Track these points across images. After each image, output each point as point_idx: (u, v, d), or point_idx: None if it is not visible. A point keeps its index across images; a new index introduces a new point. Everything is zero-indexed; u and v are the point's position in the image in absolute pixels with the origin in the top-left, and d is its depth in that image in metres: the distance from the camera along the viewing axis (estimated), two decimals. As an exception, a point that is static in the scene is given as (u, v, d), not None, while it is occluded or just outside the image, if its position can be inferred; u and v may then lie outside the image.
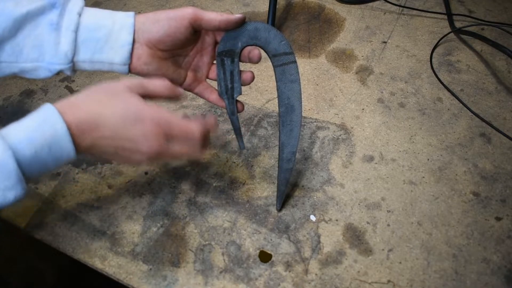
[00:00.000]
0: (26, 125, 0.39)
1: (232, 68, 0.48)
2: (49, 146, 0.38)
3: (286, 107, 0.49)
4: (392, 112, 0.68)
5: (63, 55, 0.44)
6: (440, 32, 0.80)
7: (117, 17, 0.46)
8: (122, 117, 0.41)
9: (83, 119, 0.40)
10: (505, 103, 0.68)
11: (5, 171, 0.36)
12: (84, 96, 0.42)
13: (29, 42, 0.43)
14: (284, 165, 0.52)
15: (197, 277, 0.50)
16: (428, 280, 0.49)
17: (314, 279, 0.49)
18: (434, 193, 0.57)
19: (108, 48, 0.45)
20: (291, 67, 0.48)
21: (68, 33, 0.44)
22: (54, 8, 0.44)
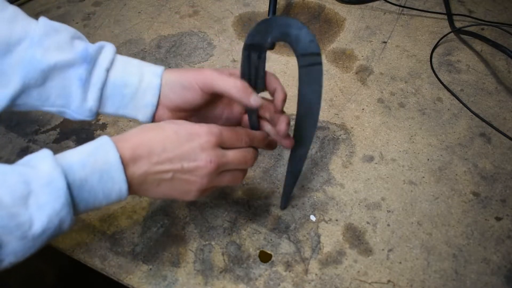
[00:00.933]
0: (80, 150, 0.39)
1: (257, 64, 0.46)
2: (100, 173, 0.37)
3: (306, 109, 0.48)
4: (392, 112, 0.68)
5: (87, 110, 0.45)
6: (440, 32, 0.80)
7: (145, 74, 0.46)
8: (176, 135, 0.41)
9: (136, 147, 0.40)
10: (505, 103, 0.68)
11: (55, 189, 0.35)
12: (135, 130, 0.42)
13: (56, 92, 0.44)
14: (292, 168, 0.52)
15: (197, 277, 0.50)
16: (428, 280, 0.49)
17: (314, 279, 0.49)
18: (434, 193, 0.57)
19: (132, 105, 0.46)
20: (317, 69, 0.46)
21: (95, 90, 0.44)
22: (84, 62, 0.43)
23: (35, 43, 0.42)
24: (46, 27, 0.43)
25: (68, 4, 0.88)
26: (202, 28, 0.83)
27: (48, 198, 0.34)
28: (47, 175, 0.35)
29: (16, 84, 0.42)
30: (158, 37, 0.81)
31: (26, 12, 0.46)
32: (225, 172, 0.44)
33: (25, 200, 0.34)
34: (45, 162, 0.36)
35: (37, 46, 0.42)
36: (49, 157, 0.36)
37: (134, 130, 0.42)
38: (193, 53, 0.77)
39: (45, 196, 0.34)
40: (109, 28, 0.83)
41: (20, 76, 0.42)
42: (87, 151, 0.38)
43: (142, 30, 0.82)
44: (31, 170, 0.35)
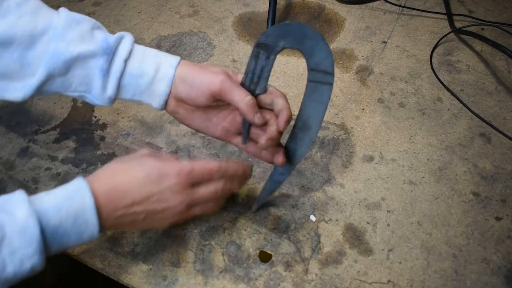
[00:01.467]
0: (56, 194, 0.39)
1: (264, 64, 0.45)
2: (75, 218, 0.39)
3: (303, 124, 0.46)
4: (392, 112, 0.68)
5: (107, 98, 0.47)
6: (440, 32, 0.80)
7: (161, 65, 0.47)
8: (146, 177, 0.42)
9: (110, 189, 0.41)
10: (505, 103, 0.68)
11: (28, 236, 0.36)
12: (108, 170, 0.43)
13: (78, 80, 0.46)
14: (276, 176, 0.51)
15: (197, 277, 0.50)
16: (428, 280, 0.49)
17: (314, 279, 0.49)
18: (434, 193, 0.57)
19: (147, 94, 0.48)
20: (325, 89, 0.44)
21: (114, 79, 0.46)
22: (105, 54, 0.45)
23: (58, 35, 0.44)
24: (67, 19, 0.45)
25: (68, 4, 0.88)
26: (202, 28, 0.83)
27: (21, 243, 0.36)
28: (22, 222, 0.36)
29: (41, 74, 0.44)
30: (158, 37, 0.81)
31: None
32: (196, 205, 0.46)
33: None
34: (21, 208, 0.36)
35: (60, 38, 0.44)
36: (25, 202, 0.37)
37: (107, 170, 0.43)
38: (193, 53, 0.77)
39: (18, 242, 0.35)
40: (109, 28, 0.82)
41: (45, 67, 0.44)
42: (62, 196, 0.39)
43: (142, 30, 0.82)
44: (6, 216, 0.36)
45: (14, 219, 0.36)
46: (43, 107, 0.69)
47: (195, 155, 0.62)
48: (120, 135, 0.65)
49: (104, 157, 0.62)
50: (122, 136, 0.65)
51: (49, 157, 0.62)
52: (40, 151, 0.63)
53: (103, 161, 0.61)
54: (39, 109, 0.68)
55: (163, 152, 0.62)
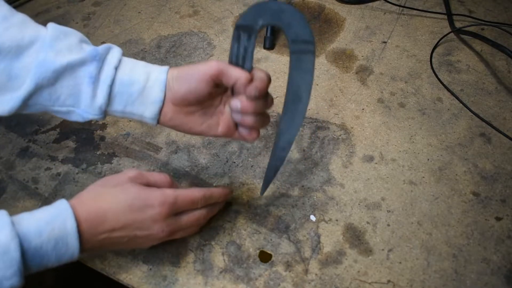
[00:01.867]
0: (38, 217, 0.40)
1: (247, 45, 0.46)
2: (56, 241, 0.39)
3: (294, 96, 0.47)
4: (392, 112, 0.68)
5: (97, 108, 0.45)
6: (440, 32, 0.80)
7: (151, 72, 0.47)
8: (129, 206, 0.43)
9: (92, 214, 0.42)
10: (505, 103, 0.68)
11: (8, 259, 0.37)
12: (91, 193, 0.44)
13: (67, 91, 0.45)
14: (278, 153, 0.50)
15: (197, 277, 0.50)
16: (428, 280, 0.49)
17: (314, 279, 0.49)
18: (434, 193, 0.57)
19: (139, 102, 0.46)
20: (308, 57, 0.46)
21: (104, 87, 0.45)
22: (94, 60, 0.45)
23: (47, 46, 0.43)
24: (55, 31, 0.44)
25: (68, 4, 0.88)
26: (202, 28, 0.83)
27: (1, 265, 0.36)
28: (3, 245, 0.36)
29: (30, 84, 0.43)
30: (158, 37, 0.81)
31: (26, 12, 0.46)
32: (178, 231, 0.47)
33: None
34: (3, 231, 0.37)
35: (49, 48, 0.43)
36: (7, 226, 0.37)
37: (92, 193, 0.44)
38: (193, 53, 0.77)
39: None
40: (109, 28, 0.83)
41: (33, 77, 0.43)
42: (45, 219, 0.39)
43: (142, 30, 0.82)
44: None
45: None
46: (43, 107, 0.69)
47: (195, 155, 0.62)
48: (120, 135, 0.65)
49: (104, 157, 0.62)
50: (122, 136, 0.65)
51: (49, 157, 0.62)
52: (40, 151, 0.63)
53: (103, 161, 0.61)
54: (39, 109, 0.68)
55: (163, 152, 0.62)
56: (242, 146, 0.63)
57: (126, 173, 0.46)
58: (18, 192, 0.58)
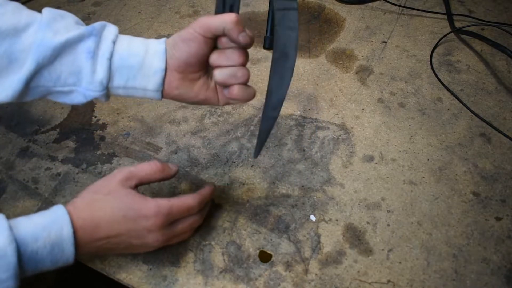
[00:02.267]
0: (36, 222, 0.40)
1: (232, 2, 0.47)
2: (52, 246, 0.40)
3: (281, 54, 0.46)
4: (392, 112, 0.68)
5: (98, 83, 0.45)
6: (440, 32, 0.80)
7: (149, 44, 0.46)
8: (123, 216, 0.43)
9: (88, 223, 0.42)
10: (505, 103, 0.68)
11: (5, 263, 0.37)
12: (85, 199, 0.44)
13: (67, 69, 0.44)
14: (269, 113, 0.48)
15: (197, 277, 0.50)
16: (428, 280, 0.49)
17: (314, 279, 0.49)
18: (434, 193, 0.57)
19: (141, 75, 0.46)
20: (292, 14, 0.46)
21: (104, 61, 0.44)
22: (92, 35, 0.44)
23: (44, 26, 0.43)
24: (52, 13, 0.45)
25: (68, 4, 0.88)
26: (202, 28, 0.83)
27: None
28: (0, 249, 0.37)
29: (31, 64, 0.43)
30: (158, 37, 0.81)
31: (26, 12, 0.46)
32: (173, 238, 0.48)
33: None
34: (1, 235, 0.37)
35: (47, 28, 0.43)
36: (5, 230, 0.38)
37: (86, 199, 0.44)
38: (193, 53, 0.77)
39: None
40: (109, 28, 0.83)
41: (33, 57, 0.42)
42: (42, 224, 0.40)
43: (142, 30, 0.82)
44: None
45: None
46: (43, 107, 0.69)
47: (195, 155, 0.62)
48: (120, 135, 0.65)
49: (104, 157, 0.62)
50: (122, 136, 0.65)
51: (49, 157, 0.62)
52: (40, 151, 0.63)
53: (103, 161, 0.61)
54: (39, 109, 0.68)
55: (163, 152, 0.62)
56: (242, 146, 0.63)
57: (116, 175, 0.46)
58: (18, 192, 0.58)
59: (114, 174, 0.46)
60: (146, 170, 0.47)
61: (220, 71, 0.46)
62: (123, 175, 0.46)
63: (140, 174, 0.47)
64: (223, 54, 0.45)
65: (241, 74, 0.46)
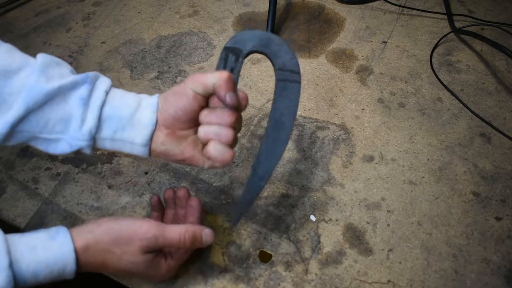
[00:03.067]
0: (39, 258, 0.39)
1: (233, 66, 0.46)
2: (52, 279, 0.40)
3: (276, 122, 0.46)
4: (392, 112, 0.68)
5: (87, 132, 0.43)
6: (440, 32, 0.80)
7: (142, 98, 0.46)
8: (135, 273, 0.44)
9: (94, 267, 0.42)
10: (505, 103, 0.68)
11: None
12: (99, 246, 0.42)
13: (56, 116, 0.43)
14: (255, 183, 0.46)
15: (197, 277, 0.50)
16: (428, 280, 0.49)
17: (314, 279, 0.49)
18: (434, 193, 0.57)
19: (131, 126, 0.44)
20: (294, 87, 0.46)
21: (95, 109, 0.43)
22: (86, 83, 0.43)
23: (38, 71, 0.42)
24: (46, 59, 0.43)
25: (68, 4, 0.88)
26: (202, 28, 0.83)
27: None
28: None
29: (19, 109, 0.41)
30: (158, 37, 0.81)
31: (26, 12, 0.46)
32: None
33: None
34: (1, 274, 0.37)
35: (40, 73, 0.42)
36: (5, 270, 0.37)
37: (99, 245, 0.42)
38: (193, 53, 0.77)
39: None
40: (109, 28, 0.83)
41: (24, 101, 0.41)
42: (45, 262, 0.39)
43: (142, 30, 0.82)
44: None
45: None
46: (43, 107, 0.69)
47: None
48: (120, 135, 0.65)
49: (104, 157, 0.62)
50: (122, 136, 0.65)
51: (49, 157, 0.62)
52: (40, 151, 0.62)
53: (103, 161, 0.61)
54: (39, 109, 0.68)
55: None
56: (242, 146, 0.63)
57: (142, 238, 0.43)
58: (18, 192, 0.58)
59: (140, 234, 0.43)
60: (174, 245, 0.44)
61: (204, 127, 0.44)
62: (148, 241, 0.43)
63: (165, 246, 0.45)
64: (213, 112, 0.44)
65: (225, 134, 0.43)
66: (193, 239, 0.44)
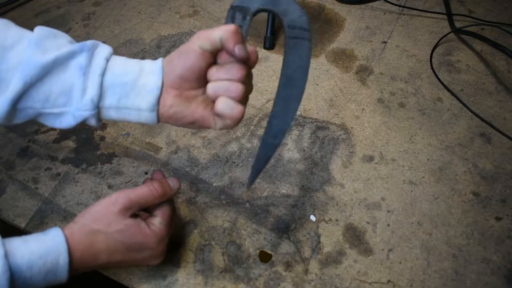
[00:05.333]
0: (32, 249, 0.40)
1: (241, 24, 0.44)
2: (46, 272, 0.40)
3: (287, 79, 0.45)
4: (392, 112, 0.68)
5: (89, 101, 0.42)
6: (440, 32, 0.80)
7: (145, 63, 0.44)
8: (126, 248, 0.44)
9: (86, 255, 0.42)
10: (505, 103, 0.68)
11: None
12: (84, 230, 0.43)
13: (57, 88, 0.42)
14: (269, 140, 0.45)
15: (197, 277, 0.50)
16: (428, 280, 0.49)
17: (314, 279, 0.49)
18: (434, 193, 0.57)
19: (135, 93, 0.43)
20: (304, 43, 0.44)
21: (95, 77, 0.42)
22: (83, 51, 0.42)
23: (34, 44, 0.41)
24: (43, 31, 0.43)
25: (68, 4, 0.88)
26: (202, 28, 0.83)
27: None
28: None
29: (17, 84, 0.40)
30: (158, 37, 0.81)
31: (26, 12, 0.46)
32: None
33: None
34: None
35: (36, 46, 0.41)
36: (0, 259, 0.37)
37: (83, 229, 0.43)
38: (193, 53, 0.77)
39: None
40: (109, 28, 0.83)
41: (21, 76, 0.40)
42: (39, 253, 0.39)
43: (142, 30, 0.82)
44: None
45: None
46: (43, 107, 0.69)
47: (195, 155, 0.62)
48: (120, 135, 0.65)
49: (104, 157, 0.62)
50: (122, 136, 0.65)
51: (49, 157, 0.62)
52: (40, 151, 0.63)
53: (103, 161, 0.61)
54: (39, 109, 0.68)
55: (163, 152, 0.62)
56: (242, 146, 0.63)
57: (116, 204, 0.44)
58: (18, 192, 0.58)
59: (113, 201, 0.44)
60: (147, 196, 0.46)
61: (213, 83, 0.42)
62: (122, 204, 0.44)
63: (140, 202, 0.45)
64: (221, 68, 0.42)
65: (234, 88, 0.41)
66: (161, 186, 0.46)
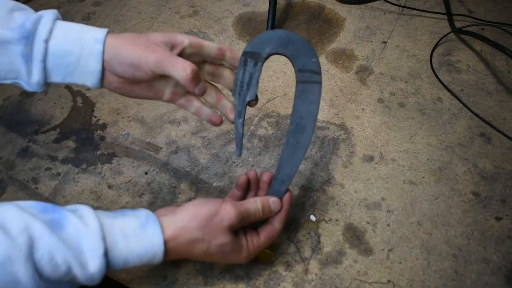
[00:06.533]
0: (131, 248, 0.40)
1: (252, 71, 0.46)
2: (139, 266, 0.41)
3: (297, 126, 0.46)
4: (392, 112, 0.68)
5: (35, 83, 0.44)
6: (440, 32, 0.80)
7: (85, 41, 0.44)
8: (221, 256, 0.44)
9: (181, 254, 0.43)
10: (505, 103, 0.68)
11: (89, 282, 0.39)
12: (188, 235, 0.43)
13: (4, 66, 0.43)
14: (276, 186, 0.47)
15: (197, 277, 0.50)
16: (428, 280, 0.49)
17: (314, 279, 0.49)
18: (434, 193, 0.57)
19: (79, 73, 0.45)
20: (314, 87, 0.46)
21: (37, 63, 0.43)
22: (23, 38, 0.42)
23: None
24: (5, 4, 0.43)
25: (68, 4, 0.88)
26: (202, 28, 0.83)
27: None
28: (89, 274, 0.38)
29: None
30: (158, 37, 0.81)
31: (26, 12, 0.46)
32: None
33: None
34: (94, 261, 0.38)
35: None
36: (99, 257, 0.38)
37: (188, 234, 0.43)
38: (193, 53, 0.77)
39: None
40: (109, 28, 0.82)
41: None
42: (137, 252, 0.40)
43: (142, 30, 0.82)
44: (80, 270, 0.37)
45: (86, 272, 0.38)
46: (43, 107, 0.69)
47: (195, 155, 0.62)
48: (120, 135, 0.65)
49: (104, 157, 0.62)
50: (122, 136, 0.65)
51: (49, 157, 0.62)
52: (40, 151, 0.63)
53: (103, 161, 0.61)
54: (39, 109, 0.68)
55: (163, 152, 0.62)
56: (242, 146, 0.63)
57: (226, 219, 0.43)
58: (18, 192, 0.58)
59: (224, 216, 0.43)
60: (252, 217, 0.46)
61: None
62: (234, 222, 0.44)
63: (245, 221, 0.45)
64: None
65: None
66: (262, 208, 0.46)
